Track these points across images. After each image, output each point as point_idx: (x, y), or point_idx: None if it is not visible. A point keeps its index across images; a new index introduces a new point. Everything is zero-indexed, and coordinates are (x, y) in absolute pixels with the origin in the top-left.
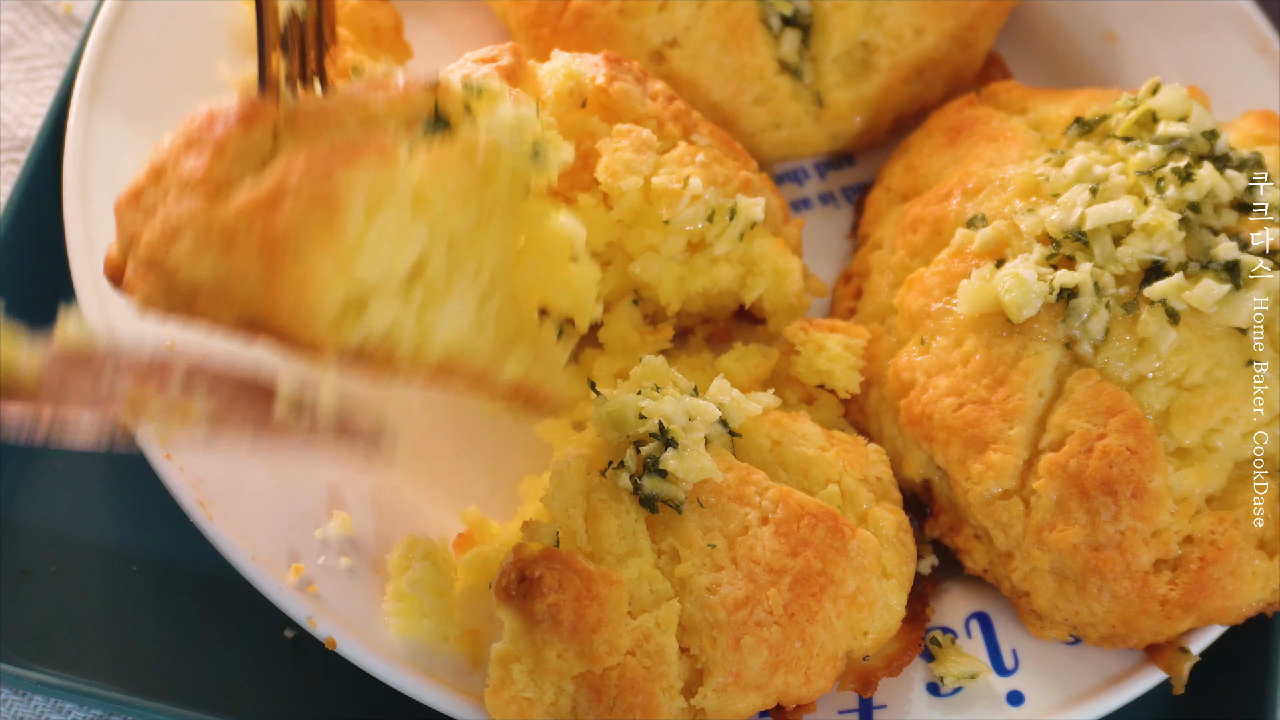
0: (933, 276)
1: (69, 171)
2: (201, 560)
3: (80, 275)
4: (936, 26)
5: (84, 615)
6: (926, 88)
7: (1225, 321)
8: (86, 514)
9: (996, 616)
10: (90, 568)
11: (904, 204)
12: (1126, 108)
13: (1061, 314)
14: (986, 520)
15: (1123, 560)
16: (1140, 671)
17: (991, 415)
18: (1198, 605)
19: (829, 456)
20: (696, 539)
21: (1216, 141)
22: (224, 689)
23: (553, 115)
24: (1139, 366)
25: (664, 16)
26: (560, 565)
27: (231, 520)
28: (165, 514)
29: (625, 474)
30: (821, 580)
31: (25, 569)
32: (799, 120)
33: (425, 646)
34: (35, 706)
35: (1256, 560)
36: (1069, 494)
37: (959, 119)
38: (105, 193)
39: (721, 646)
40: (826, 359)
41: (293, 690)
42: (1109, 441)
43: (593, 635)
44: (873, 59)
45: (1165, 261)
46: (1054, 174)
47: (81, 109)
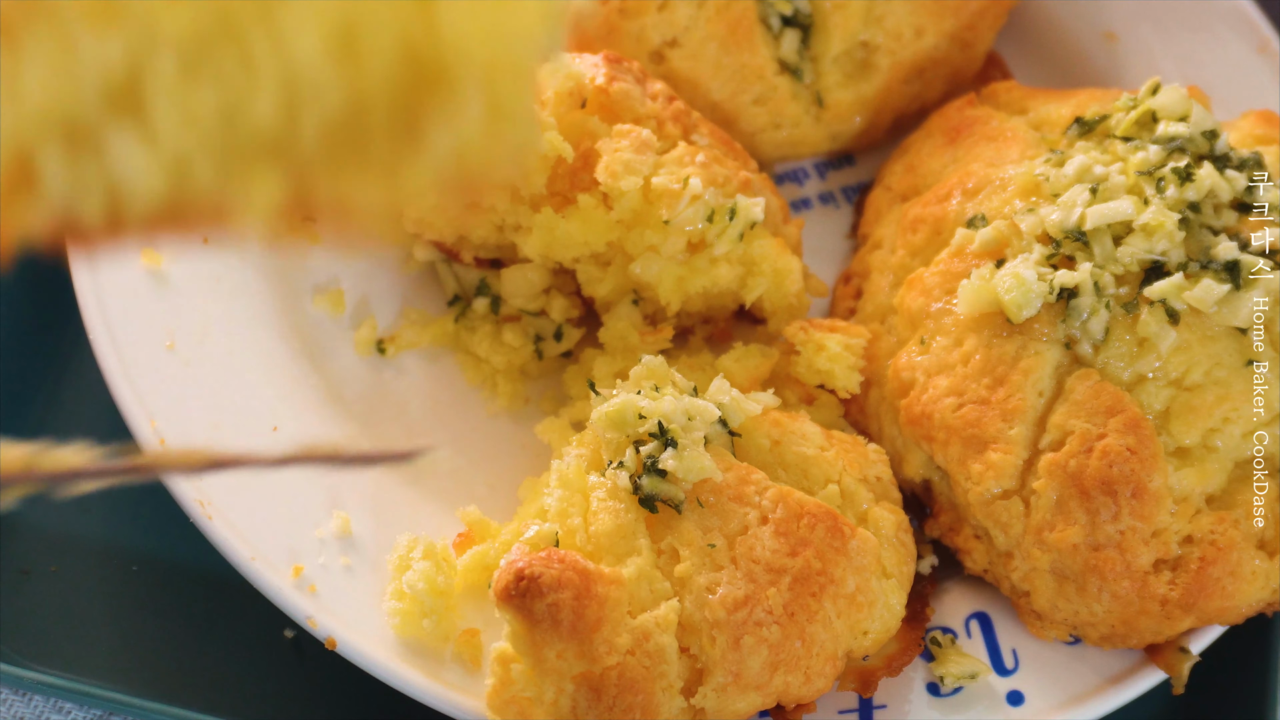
0: (933, 276)
1: None
2: (201, 560)
3: (80, 275)
4: (936, 26)
5: (84, 615)
6: (926, 88)
7: (1225, 321)
8: (86, 514)
9: (996, 616)
10: (90, 567)
11: (904, 204)
12: (1126, 108)
13: (1061, 314)
14: (986, 520)
15: (1123, 560)
16: (1140, 671)
17: (991, 415)
18: (1198, 605)
19: (829, 456)
20: (696, 538)
21: (1216, 141)
22: (224, 689)
23: (552, 115)
24: (1139, 366)
25: (664, 16)
26: (560, 565)
27: (231, 520)
28: (165, 514)
29: (625, 474)
30: (821, 580)
31: (25, 569)
32: (799, 120)
33: (425, 646)
34: (35, 706)
35: (1256, 560)
36: (1069, 494)
37: (959, 119)
38: None
39: (721, 646)
40: (826, 359)
41: (293, 690)
42: (1109, 441)
43: (592, 635)
44: (873, 59)
45: (1165, 261)
46: (1054, 174)
47: None
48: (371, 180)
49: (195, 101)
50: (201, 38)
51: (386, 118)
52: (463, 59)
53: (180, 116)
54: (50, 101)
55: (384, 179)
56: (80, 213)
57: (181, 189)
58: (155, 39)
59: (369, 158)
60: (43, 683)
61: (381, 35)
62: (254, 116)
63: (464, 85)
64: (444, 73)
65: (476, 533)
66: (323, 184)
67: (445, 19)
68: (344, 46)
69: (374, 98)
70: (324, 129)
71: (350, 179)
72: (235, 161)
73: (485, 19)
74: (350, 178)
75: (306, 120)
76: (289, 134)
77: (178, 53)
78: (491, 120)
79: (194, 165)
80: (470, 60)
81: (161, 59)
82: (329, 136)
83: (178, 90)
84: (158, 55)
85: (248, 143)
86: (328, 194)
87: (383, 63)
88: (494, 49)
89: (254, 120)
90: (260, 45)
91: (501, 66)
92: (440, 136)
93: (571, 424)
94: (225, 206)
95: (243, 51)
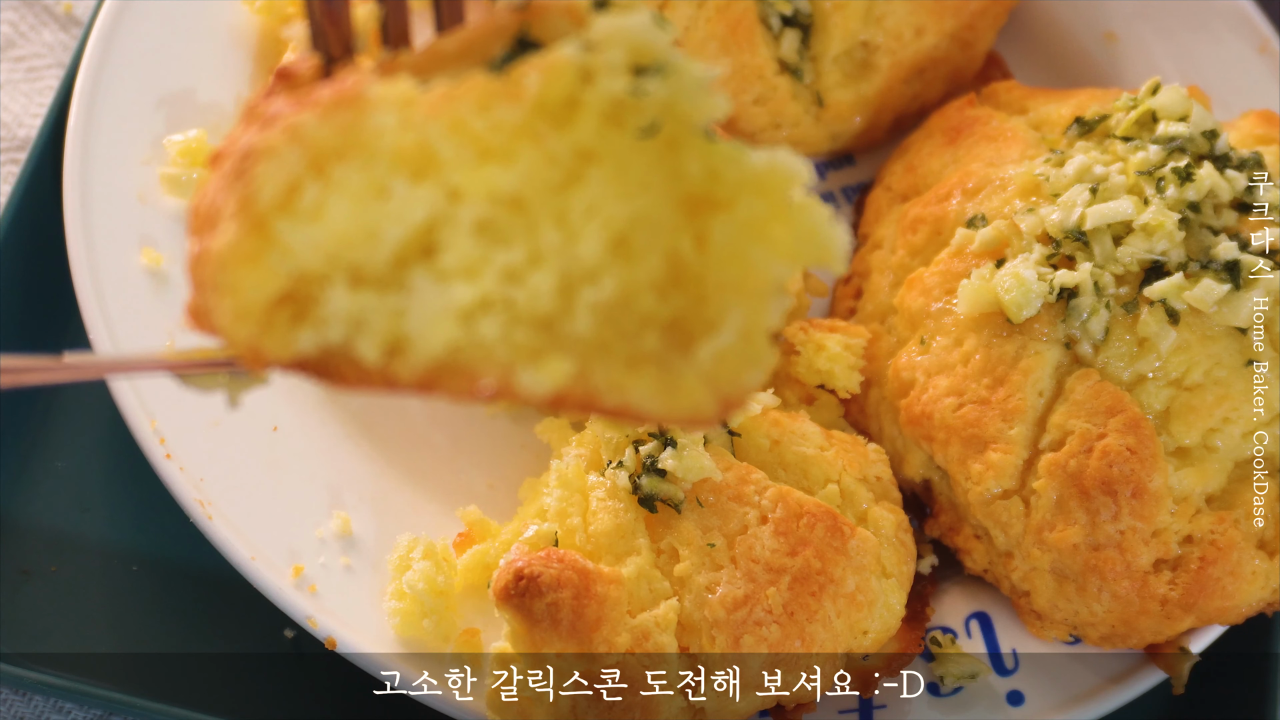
0: (933, 276)
1: (69, 172)
2: (201, 560)
3: (80, 275)
4: (936, 26)
5: (84, 615)
6: (926, 87)
7: (1225, 321)
8: (86, 514)
9: (996, 616)
10: (90, 567)
11: (904, 204)
12: (1126, 107)
13: (1061, 314)
14: (986, 520)
15: (1123, 560)
16: (1140, 672)
17: (991, 415)
18: (1198, 605)
19: (828, 456)
20: (695, 538)
21: (1216, 141)
22: (224, 689)
23: None
24: (1139, 366)
25: (665, 15)
26: (559, 565)
27: (231, 520)
28: (165, 514)
29: (624, 473)
30: (821, 579)
31: (25, 568)
32: (799, 120)
33: (425, 646)
34: (35, 706)
35: (1256, 560)
36: (1069, 494)
37: (959, 119)
38: (105, 193)
39: (721, 646)
40: (826, 359)
41: (293, 690)
42: (1109, 441)
43: (592, 634)
44: (873, 59)
45: (1165, 261)
46: (1054, 174)
47: (81, 109)
48: (647, 381)
49: (483, 261)
50: (500, 204)
51: (655, 317)
52: (723, 276)
53: (468, 274)
54: (349, 236)
55: (659, 382)
56: (356, 350)
57: (468, 345)
58: (461, 196)
59: (642, 356)
60: (43, 683)
61: (657, 236)
62: (535, 287)
63: (723, 304)
64: (703, 287)
65: (476, 533)
66: (602, 376)
67: (715, 235)
68: (619, 240)
69: (642, 294)
70: (597, 314)
71: (627, 376)
72: (519, 330)
73: (749, 241)
74: (626, 375)
75: (581, 302)
76: (565, 313)
77: (476, 214)
78: (741, 340)
79: (480, 325)
80: (728, 280)
81: (463, 214)
82: (602, 323)
83: (470, 248)
84: (460, 210)
85: (528, 314)
86: (606, 385)
87: (652, 264)
88: (751, 271)
89: (534, 291)
90: (547, 220)
91: (754, 289)
92: (704, 348)
93: (571, 424)
94: (508, 376)
95: (530, 223)
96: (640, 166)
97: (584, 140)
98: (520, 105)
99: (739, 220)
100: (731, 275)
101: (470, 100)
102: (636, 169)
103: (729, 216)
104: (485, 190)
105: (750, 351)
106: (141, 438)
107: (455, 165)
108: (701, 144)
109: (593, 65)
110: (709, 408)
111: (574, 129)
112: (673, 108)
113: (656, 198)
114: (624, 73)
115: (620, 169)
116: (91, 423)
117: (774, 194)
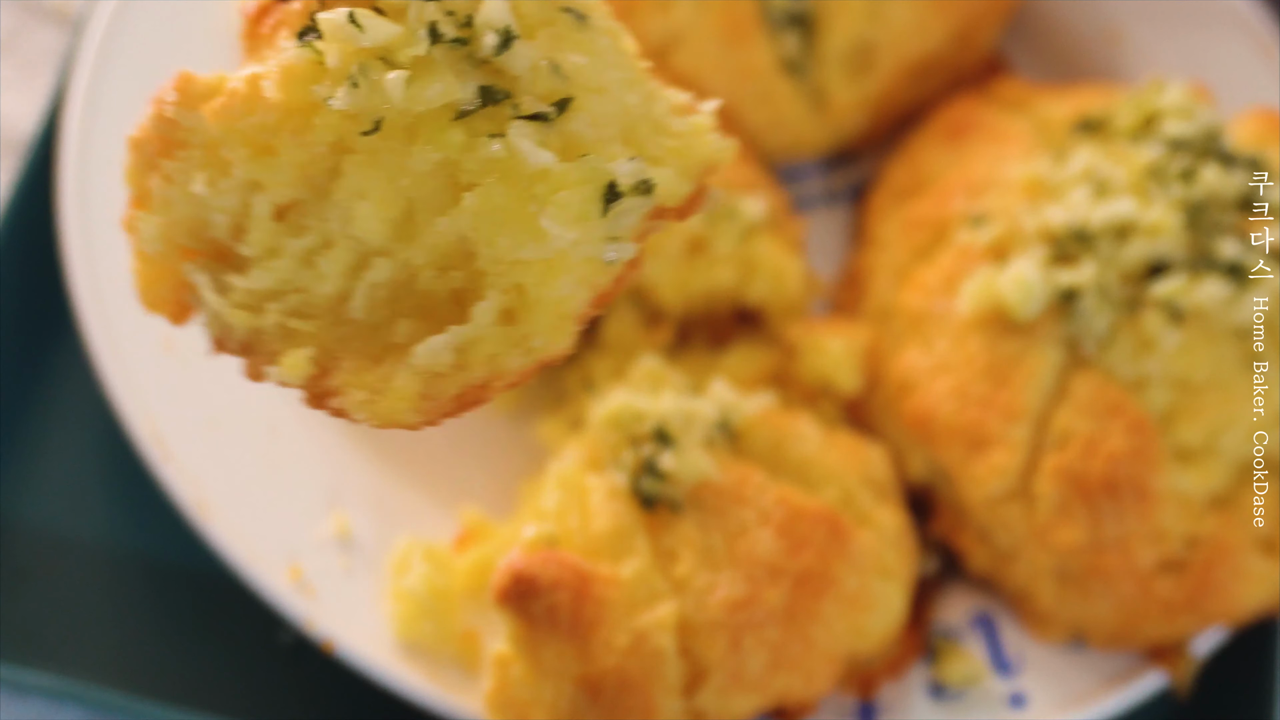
0: (934, 276)
1: (67, 172)
2: (200, 560)
3: (78, 275)
4: (938, 25)
5: (82, 615)
6: (928, 86)
7: (1228, 322)
8: (85, 514)
9: (999, 618)
10: (89, 568)
11: (905, 203)
12: (1129, 106)
13: (1064, 314)
14: (989, 521)
15: (1125, 562)
16: (1143, 673)
17: (993, 416)
18: (1200, 607)
19: (829, 457)
20: (695, 539)
21: (1219, 140)
22: (223, 689)
23: None
24: (1142, 367)
25: (666, 15)
26: (558, 566)
27: (229, 520)
28: (164, 514)
29: (623, 475)
30: (821, 581)
31: (23, 569)
32: (800, 119)
33: (425, 647)
34: (35, 707)
35: (1259, 561)
36: (1071, 495)
37: (961, 118)
38: (103, 193)
39: (720, 647)
40: (828, 360)
41: (291, 690)
42: (1112, 442)
43: (590, 635)
44: (874, 57)
45: (1168, 262)
46: (1056, 173)
47: (80, 109)
48: (367, 378)
49: (279, 248)
50: (294, 192)
51: (433, 296)
52: (488, 253)
53: (268, 258)
54: (185, 225)
55: (375, 380)
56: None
57: (262, 331)
58: (259, 188)
59: (387, 349)
60: (42, 683)
61: (433, 217)
62: (324, 271)
63: (487, 284)
64: (474, 262)
65: (476, 533)
66: (346, 370)
67: (473, 216)
68: (403, 221)
69: (422, 273)
70: (374, 297)
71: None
72: (301, 320)
73: (496, 222)
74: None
75: (361, 285)
76: (347, 297)
77: (273, 203)
78: (506, 320)
79: (266, 313)
80: (491, 257)
81: (259, 205)
82: (373, 309)
83: (268, 234)
84: (258, 200)
85: (321, 301)
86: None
87: (434, 244)
88: (504, 249)
89: (322, 275)
90: (330, 207)
91: (524, 267)
92: (442, 337)
93: (570, 424)
94: (268, 364)
95: (320, 211)
96: (390, 153)
97: (331, 136)
98: (269, 109)
99: (486, 201)
100: (491, 253)
101: (237, 104)
102: (388, 156)
103: (479, 196)
104: (274, 182)
105: (511, 335)
106: (139, 439)
107: (239, 162)
108: (436, 130)
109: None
110: (409, 413)
111: (318, 129)
112: (388, 102)
113: (420, 180)
114: (344, 77)
115: (373, 156)
116: (89, 423)
117: (512, 174)
